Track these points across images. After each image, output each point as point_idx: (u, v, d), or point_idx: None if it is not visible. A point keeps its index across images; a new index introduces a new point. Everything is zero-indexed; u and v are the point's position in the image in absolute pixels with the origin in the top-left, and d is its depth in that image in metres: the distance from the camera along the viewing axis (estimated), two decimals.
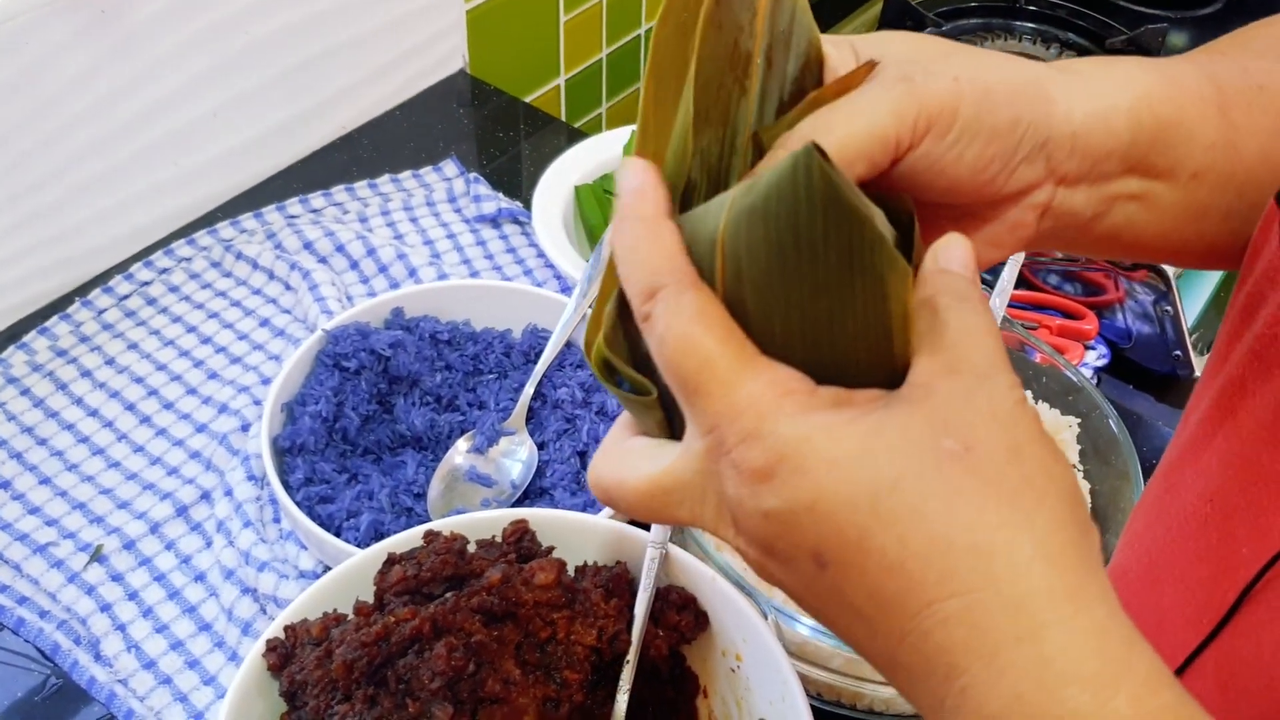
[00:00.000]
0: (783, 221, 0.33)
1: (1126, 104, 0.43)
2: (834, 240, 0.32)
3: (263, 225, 1.04)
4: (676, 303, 0.34)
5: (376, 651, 0.55)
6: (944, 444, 0.32)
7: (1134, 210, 0.46)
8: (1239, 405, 0.45)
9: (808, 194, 0.32)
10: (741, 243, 0.34)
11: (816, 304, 0.33)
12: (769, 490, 0.33)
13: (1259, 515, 0.43)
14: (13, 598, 0.77)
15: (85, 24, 0.90)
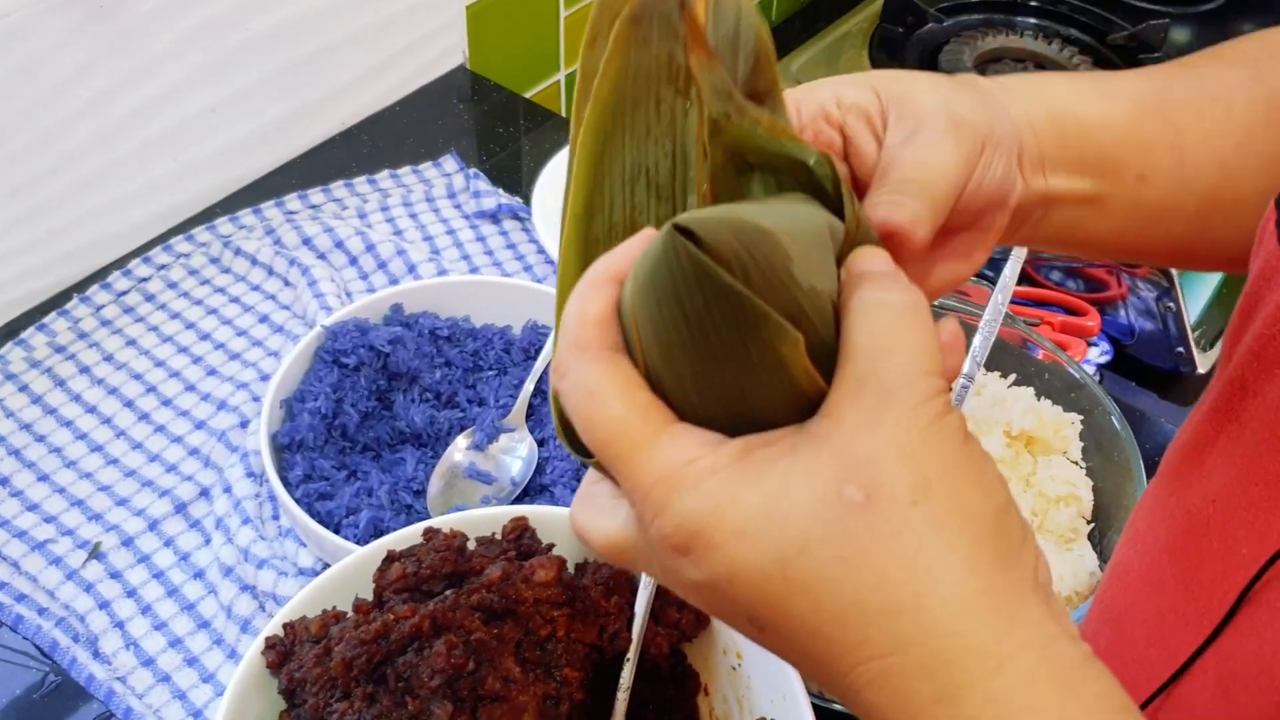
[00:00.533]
0: (668, 298, 0.32)
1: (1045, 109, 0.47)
2: (718, 315, 0.32)
3: (262, 221, 1.04)
4: (578, 377, 0.34)
5: (376, 649, 0.54)
6: (846, 492, 0.31)
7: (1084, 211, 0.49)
8: (1240, 406, 0.45)
9: (683, 275, 0.32)
10: (644, 316, 0.34)
11: (721, 371, 0.33)
12: (690, 563, 0.33)
13: (1260, 516, 0.43)
14: (11, 595, 0.77)
15: (83, 19, 0.89)
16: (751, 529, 0.32)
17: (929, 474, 0.31)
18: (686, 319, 0.32)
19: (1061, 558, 0.77)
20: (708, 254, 0.31)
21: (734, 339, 0.32)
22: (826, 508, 0.31)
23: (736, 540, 0.32)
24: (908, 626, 0.31)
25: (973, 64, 1.41)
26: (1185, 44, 1.52)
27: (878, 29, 1.49)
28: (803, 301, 0.33)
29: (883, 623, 0.31)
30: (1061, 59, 1.43)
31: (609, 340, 0.34)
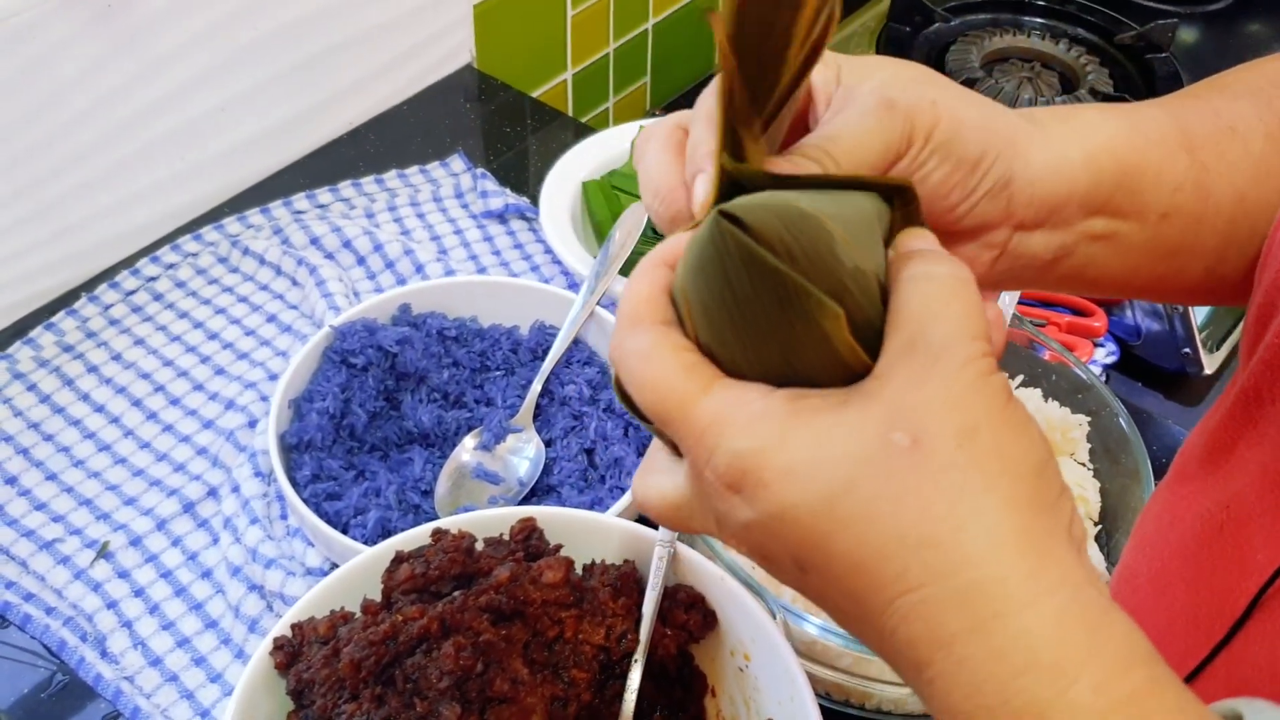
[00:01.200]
0: (716, 280, 0.35)
1: (1082, 153, 0.45)
2: (764, 294, 0.34)
3: (270, 221, 1.04)
4: (632, 345, 0.36)
5: (384, 650, 0.54)
6: (893, 438, 0.33)
7: (1099, 249, 0.47)
8: (1258, 414, 0.45)
9: (729, 257, 0.34)
10: (693, 294, 0.36)
11: (768, 345, 0.35)
12: (741, 502, 0.34)
13: (1276, 521, 0.43)
14: (19, 594, 0.77)
15: (91, 19, 0.89)
16: (800, 468, 0.33)
17: (976, 421, 0.33)
18: (736, 298, 0.34)
19: None
20: (752, 237, 0.33)
21: (780, 315, 0.34)
22: (874, 451, 0.33)
23: (786, 478, 0.33)
24: (946, 558, 0.32)
25: (980, 63, 1.41)
26: (1193, 44, 1.52)
27: (885, 28, 1.48)
28: (846, 280, 0.34)
29: (922, 554, 0.32)
30: (1069, 59, 1.43)
31: (660, 315, 0.37)
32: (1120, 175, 0.45)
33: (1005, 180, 0.43)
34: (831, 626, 0.68)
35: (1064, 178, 0.44)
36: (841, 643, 0.69)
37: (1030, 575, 0.32)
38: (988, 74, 1.40)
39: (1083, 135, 0.45)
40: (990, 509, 0.32)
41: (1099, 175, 0.45)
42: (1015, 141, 0.44)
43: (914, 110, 0.41)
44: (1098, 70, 1.40)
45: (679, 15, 1.52)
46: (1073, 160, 0.45)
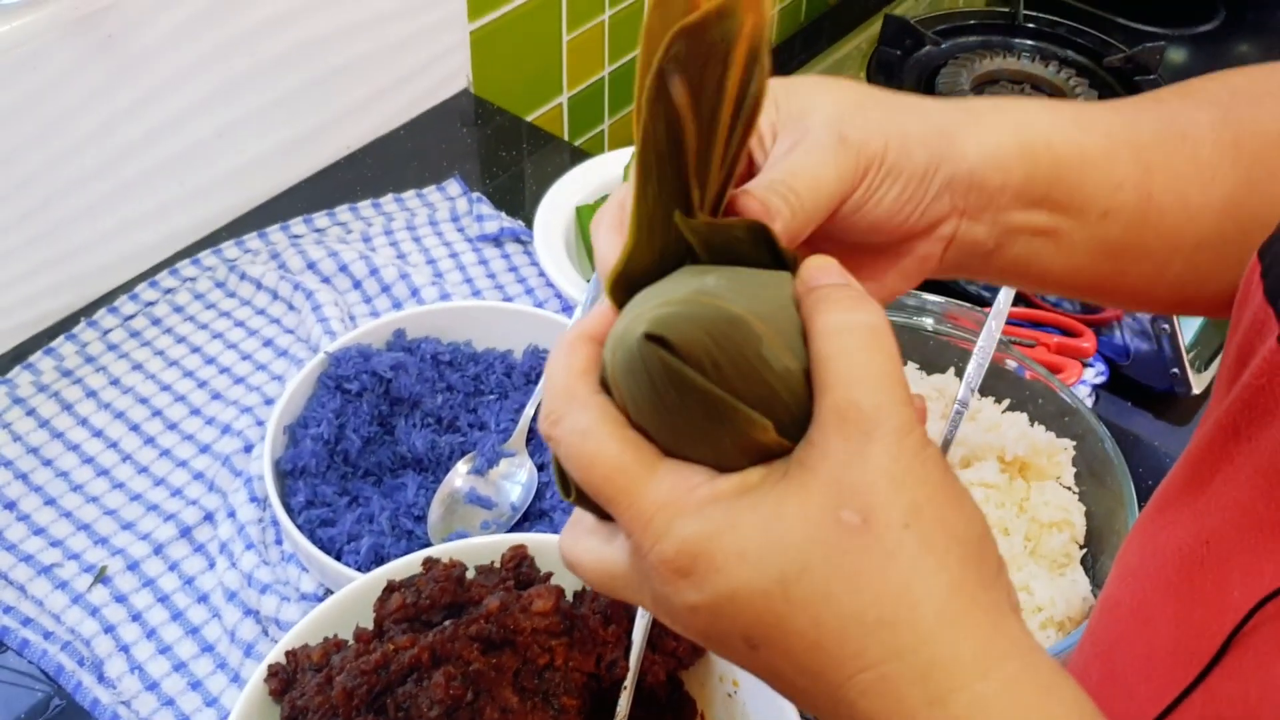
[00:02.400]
0: (645, 388, 0.35)
1: (1016, 142, 0.46)
2: (692, 407, 0.34)
3: (267, 245, 1.05)
4: (572, 423, 0.36)
5: (376, 679, 0.55)
6: (843, 516, 0.34)
7: (1041, 245, 0.47)
8: (1234, 450, 0.46)
9: (656, 374, 0.34)
10: (624, 387, 0.36)
11: (700, 445, 0.36)
12: (690, 586, 0.35)
13: (1252, 561, 0.44)
14: (17, 619, 0.78)
15: (92, 47, 0.91)
16: (752, 551, 0.34)
17: (919, 500, 0.34)
18: (664, 406, 0.35)
19: (1054, 583, 0.78)
20: (679, 357, 0.34)
21: (709, 426, 0.35)
22: (824, 531, 0.33)
23: (738, 561, 0.34)
24: (903, 637, 0.33)
25: (970, 86, 1.42)
26: (1181, 65, 1.54)
27: (876, 51, 1.50)
28: (774, 383, 0.35)
29: (880, 634, 0.33)
30: (1058, 81, 1.44)
31: (594, 387, 0.37)
32: (1057, 168, 0.46)
33: (947, 180, 0.45)
34: None
35: (999, 166, 0.45)
36: None
37: (983, 647, 0.34)
38: (978, 96, 1.42)
39: (1018, 125, 0.46)
40: (942, 587, 0.34)
41: (1034, 165, 0.46)
42: (953, 136, 0.45)
43: (865, 142, 0.43)
44: (1087, 92, 1.42)
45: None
46: (1007, 148, 0.45)
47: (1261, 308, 0.44)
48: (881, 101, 0.45)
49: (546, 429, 0.37)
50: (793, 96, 0.44)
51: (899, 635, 0.33)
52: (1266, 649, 0.42)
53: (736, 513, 0.34)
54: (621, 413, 0.37)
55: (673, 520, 0.35)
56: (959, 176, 0.45)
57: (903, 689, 0.33)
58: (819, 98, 0.44)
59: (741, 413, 0.34)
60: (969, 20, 1.53)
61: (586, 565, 0.39)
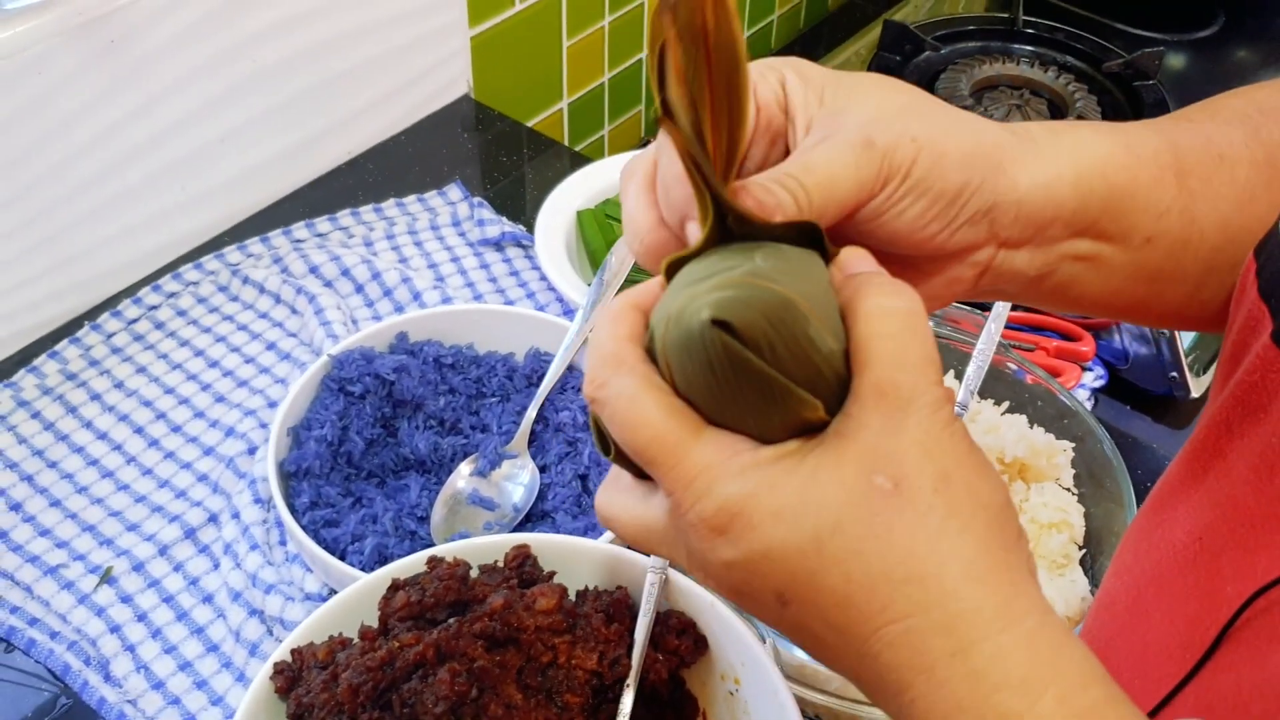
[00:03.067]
0: (703, 366, 0.36)
1: (1073, 173, 0.45)
2: (747, 388, 0.36)
3: (269, 250, 1.06)
4: (620, 387, 0.38)
5: (381, 676, 0.56)
6: (875, 481, 0.36)
7: (1081, 270, 0.48)
8: (1227, 446, 0.46)
9: (716, 355, 0.36)
10: (675, 362, 0.37)
11: (746, 419, 0.37)
12: (726, 543, 0.36)
13: (1245, 555, 0.44)
14: (24, 619, 0.78)
15: (95, 53, 0.91)
16: (788, 510, 0.36)
17: (948, 468, 0.36)
18: (718, 383, 0.37)
19: (1054, 583, 0.79)
20: (741, 342, 0.35)
21: (760, 403, 0.37)
22: (858, 493, 0.36)
23: (774, 520, 0.36)
24: (930, 592, 0.35)
25: (969, 91, 1.43)
26: (1180, 70, 1.54)
27: (876, 56, 1.51)
28: (820, 364, 0.37)
29: (907, 589, 0.35)
30: (1057, 87, 1.45)
31: (641, 355, 0.39)
32: (1109, 198, 0.46)
33: (987, 207, 0.44)
34: None
35: (1052, 198, 0.45)
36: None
37: (1003, 605, 0.35)
38: (977, 101, 1.42)
39: (1075, 154, 0.46)
40: (967, 548, 0.36)
41: (1088, 196, 0.45)
42: (1001, 164, 0.44)
43: (893, 149, 0.42)
44: (1086, 97, 1.43)
45: None
46: (1063, 179, 0.45)
47: (1256, 305, 0.45)
48: (929, 113, 0.44)
49: (592, 391, 0.39)
50: (839, 92, 0.44)
51: (926, 590, 0.35)
52: (1260, 641, 0.43)
53: (774, 476, 0.36)
54: (667, 381, 0.38)
55: (714, 482, 0.36)
56: (1004, 206, 0.44)
57: (927, 640, 0.35)
58: (864, 97, 0.44)
59: (795, 395, 0.36)
60: (968, 26, 1.54)
61: (622, 521, 0.41)
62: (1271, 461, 0.44)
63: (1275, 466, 0.44)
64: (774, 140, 0.45)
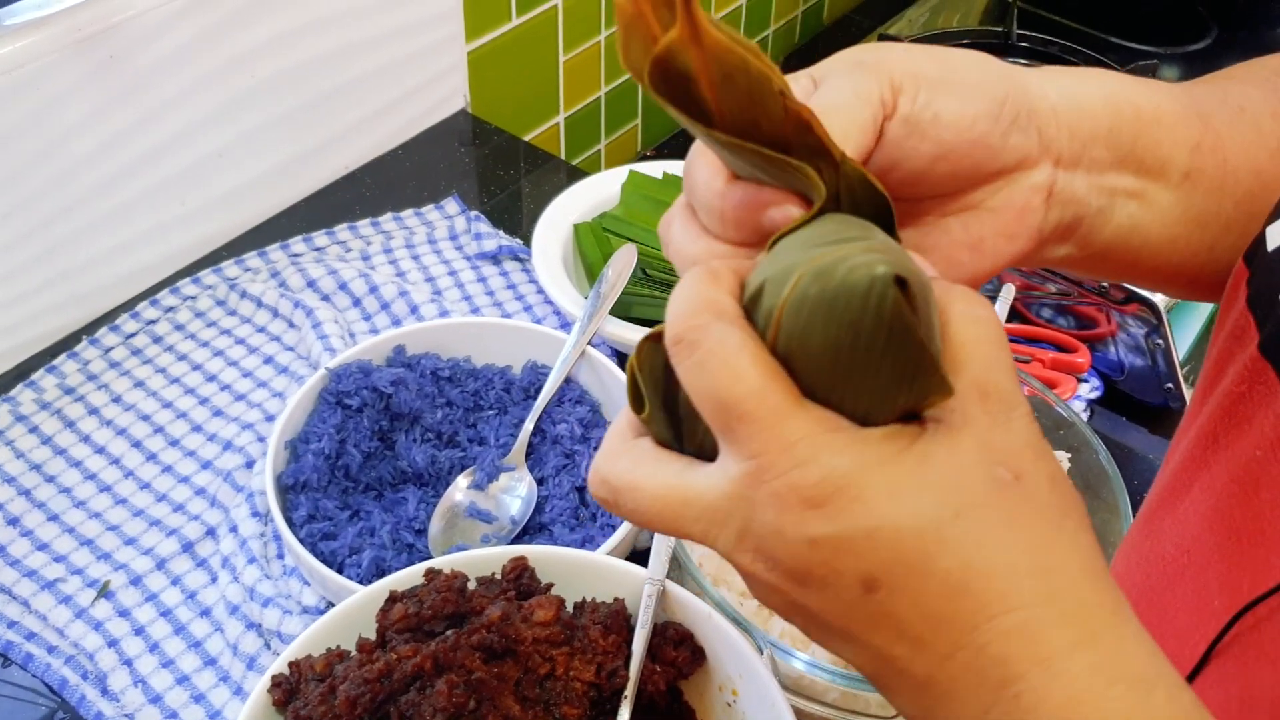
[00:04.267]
0: (844, 328, 0.33)
1: (1101, 94, 0.44)
2: (889, 360, 0.33)
3: (267, 264, 1.06)
4: (723, 333, 0.35)
5: (379, 688, 0.56)
6: (996, 472, 0.34)
7: (1135, 210, 0.46)
8: (1212, 458, 0.46)
9: (876, 318, 0.33)
10: (799, 322, 0.34)
11: (858, 395, 0.35)
12: (819, 517, 0.34)
13: (1231, 569, 0.45)
14: (21, 633, 0.78)
15: (94, 68, 0.92)
16: (905, 489, 0.34)
17: (1055, 472, 0.36)
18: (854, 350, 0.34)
19: None
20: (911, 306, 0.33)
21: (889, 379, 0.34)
22: (980, 482, 0.34)
23: (888, 497, 0.33)
24: (1055, 584, 0.34)
25: None
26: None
27: None
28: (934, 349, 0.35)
29: (1032, 580, 0.34)
30: None
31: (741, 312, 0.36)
32: (1138, 123, 0.45)
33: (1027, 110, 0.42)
34: (819, 662, 0.70)
35: (1086, 111, 0.44)
36: (828, 678, 0.70)
37: (1116, 603, 0.35)
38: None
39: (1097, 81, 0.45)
40: (1085, 547, 0.35)
41: (1118, 118, 0.44)
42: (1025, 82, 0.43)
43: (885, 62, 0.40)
44: None
45: None
46: (1092, 96, 0.44)
47: (1243, 314, 0.45)
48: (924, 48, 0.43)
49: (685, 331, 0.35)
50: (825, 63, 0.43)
51: (1050, 582, 0.34)
52: (1248, 656, 0.43)
53: (887, 454, 0.34)
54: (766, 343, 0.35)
55: (820, 450, 0.34)
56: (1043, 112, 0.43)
57: (1048, 631, 0.34)
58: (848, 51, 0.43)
59: (937, 374, 0.34)
60: (962, 39, 1.55)
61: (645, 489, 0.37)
62: (1256, 475, 0.44)
63: (1260, 480, 0.44)
64: None
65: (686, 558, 0.70)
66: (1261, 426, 0.44)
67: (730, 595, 0.73)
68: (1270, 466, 0.43)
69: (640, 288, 0.98)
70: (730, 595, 0.73)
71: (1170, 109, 0.46)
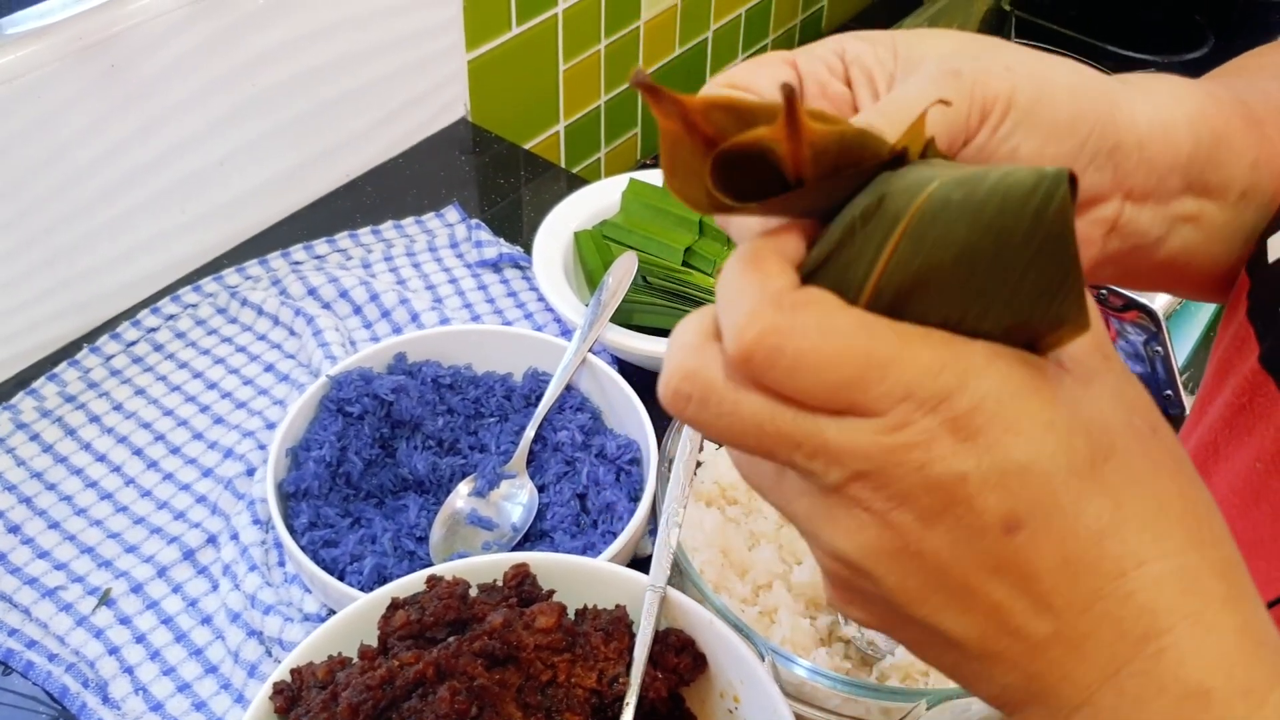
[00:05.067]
0: (993, 234, 0.30)
1: (1185, 117, 0.42)
2: (1034, 272, 0.30)
3: (268, 271, 1.06)
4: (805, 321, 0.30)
5: (381, 695, 0.56)
6: (1135, 421, 0.32)
7: (1189, 232, 0.44)
8: (1213, 469, 0.47)
9: (1035, 220, 0.29)
10: (932, 232, 0.30)
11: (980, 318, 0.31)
12: (970, 450, 0.30)
13: None
14: (22, 641, 0.78)
15: (96, 77, 0.92)
16: (1061, 425, 0.31)
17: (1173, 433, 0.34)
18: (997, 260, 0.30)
19: None
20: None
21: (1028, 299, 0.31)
22: (1123, 427, 0.32)
23: (1044, 430, 0.31)
24: (1204, 532, 0.32)
25: None
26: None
27: None
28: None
29: (1184, 524, 0.32)
30: None
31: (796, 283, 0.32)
32: (1213, 146, 0.43)
33: (1110, 146, 0.40)
34: (820, 668, 0.70)
35: (1172, 141, 0.41)
36: (830, 684, 0.70)
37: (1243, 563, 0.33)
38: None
39: (1180, 99, 0.42)
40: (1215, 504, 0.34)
41: (1198, 143, 0.42)
42: (1116, 102, 0.40)
43: (984, 76, 0.38)
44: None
45: (668, 68, 1.56)
46: (1178, 122, 0.42)
47: (1243, 325, 0.45)
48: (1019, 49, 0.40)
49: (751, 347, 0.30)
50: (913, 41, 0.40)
51: (1201, 529, 0.32)
52: None
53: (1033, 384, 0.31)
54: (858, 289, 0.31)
55: (967, 374, 0.30)
56: (1126, 148, 0.40)
57: (1203, 582, 0.31)
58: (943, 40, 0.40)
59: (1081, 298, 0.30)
60: None
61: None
62: (1257, 487, 0.44)
63: (1261, 491, 0.44)
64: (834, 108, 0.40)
65: (688, 564, 0.70)
66: (1262, 439, 0.44)
67: (731, 602, 0.73)
68: (1271, 479, 0.43)
69: (641, 295, 0.98)
70: (731, 602, 0.73)
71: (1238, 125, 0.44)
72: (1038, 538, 0.31)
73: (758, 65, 0.40)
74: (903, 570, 0.32)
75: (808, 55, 0.41)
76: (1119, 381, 0.33)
